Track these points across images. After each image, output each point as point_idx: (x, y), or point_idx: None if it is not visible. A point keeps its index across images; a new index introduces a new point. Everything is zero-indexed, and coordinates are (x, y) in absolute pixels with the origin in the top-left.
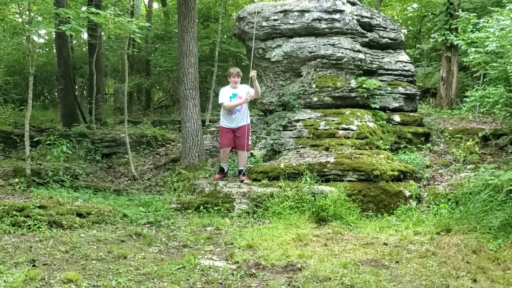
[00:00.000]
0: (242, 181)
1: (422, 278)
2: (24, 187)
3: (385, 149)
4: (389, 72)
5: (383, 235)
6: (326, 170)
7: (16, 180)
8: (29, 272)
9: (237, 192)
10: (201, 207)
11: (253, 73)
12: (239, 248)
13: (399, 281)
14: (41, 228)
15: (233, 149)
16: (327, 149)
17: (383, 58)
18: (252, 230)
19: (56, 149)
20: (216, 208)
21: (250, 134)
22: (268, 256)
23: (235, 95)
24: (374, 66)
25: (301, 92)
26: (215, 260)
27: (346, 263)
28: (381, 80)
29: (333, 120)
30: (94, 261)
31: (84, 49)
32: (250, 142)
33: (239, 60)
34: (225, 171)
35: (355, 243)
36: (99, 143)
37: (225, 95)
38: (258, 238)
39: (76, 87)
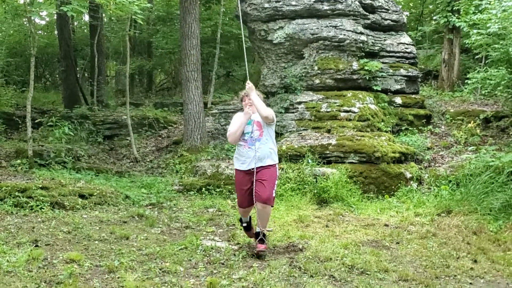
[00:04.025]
0: (258, 253)
1: (423, 258)
2: (26, 168)
3: (386, 131)
4: (391, 54)
5: (384, 217)
6: (327, 152)
7: (18, 161)
8: (32, 252)
9: None
10: (203, 189)
11: (248, 87)
12: (241, 229)
13: (399, 261)
14: (43, 209)
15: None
16: (328, 131)
17: (385, 40)
18: (253, 211)
19: (58, 131)
20: (218, 190)
21: (276, 180)
22: (269, 237)
23: (251, 122)
24: (376, 48)
25: (303, 74)
26: (217, 241)
27: (347, 244)
28: (383, 62)
29: (335, 103)
30: (96, 242)
31: (86, 30)
32: (274, 193)
33: (241, 42)
34: (249, 225)
35: (356, 224)
36: (101, 125)
37: (235, 122)
38: None
39: (78, 69)
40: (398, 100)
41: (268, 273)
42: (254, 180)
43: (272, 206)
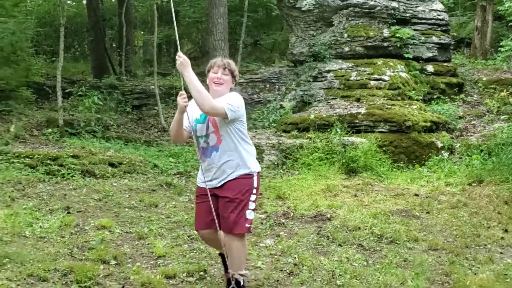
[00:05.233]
0: None
1: (453, 228)
2: (57, 137)
3: (417, 100)
4: (422, 21)
5: (414, 186)
6: (357, 121)
7: (50, 130)
8: (64, 219)
9: (266, 144)
10: None
11: (178, 62)
12: (268, 198)
13: (429, 231)
14: (74, 177)
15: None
16: (358, 100)
17: (416, 6)
18: (281, 181)
19: (88, 100)
20: None
21: (251, 195)
22: (297, 207)
23: (204, 119)
24: (407, 15)
25: (332, 42)
26: None
27: (376, 213)
28: (414, 30)
29: (365, 71)
30: (126, 209)
31: (114, 0)
32: (250, 215)
33: (269, 10)
34: (224, 260)
35: (385, 194)
36: (129, 94)
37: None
38: (287, 189)
39: (106, 39)
40: (430, 68)
41: (296, 241)
42: (219, 200)
43: (244, 234)
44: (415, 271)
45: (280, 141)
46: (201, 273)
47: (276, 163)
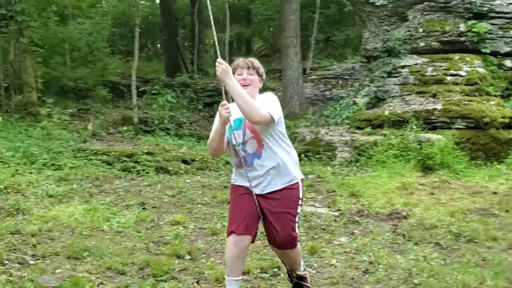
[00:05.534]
0: None
1: None
2: (132, 134)
3: (495, 96)
4: (500, 15)
5: (492, 184)
6: (433, 117)
7: (125, 128)
8: (139, 214)
9: (339, 140)
10: (302, 155)
11: (220, 70)
12: (342, 196)
13: (508, 229)
14: (149, 173)
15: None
16: (434, 95)
17: (494, 0)
18: (354, 179)
19: (161, 99)
20: (317, 156)
21: (298, 206)
22: (371, 204)
23: (240, 124)
24: (484, 9)
25: (407, 37)
26: (317, 207)
27: (453, 212)
28: (491, 24)
29: (441, 66)
30: (199, 205)
31: (186, 0)
32: (296, 224)
33: (342, 6)
34: None
35: (462, 191)
36: (201, 92)
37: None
38: (361, 186)
39: (178, 38)
40: (508, 63)
41: (371, 239)
42: (264, 210)
43: (295, 247)
44: (494, 270)
45: (354, 138)
46: (275, 269)
47: (349, 160)
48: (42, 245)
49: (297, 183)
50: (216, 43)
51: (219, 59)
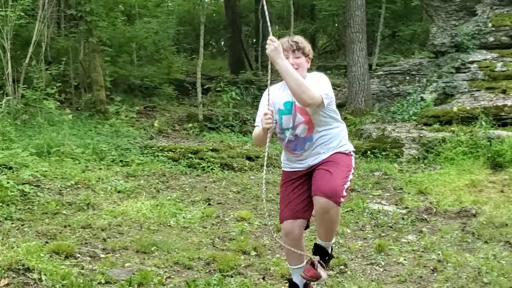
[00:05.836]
0: (305, 278)
1: None
2: (197, 131)
3: None
4: None
5: None
6: (503, 113)
7: (190, 125)
8: (205, 210)
9: (406, 137)
10: (368, 152)
11: (271, 48)
12: (409, 193)
13: None
14: (214, 169)
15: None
16: (504, 91)
17: None
18: (422, 176)
19: (226, 96)
20: (384, 153)
21: (351, 171)
22: (440, 202)
23: (290, 107)
24: None
25: (476, 32)
26: (384, 205)
27: None
28: None
29: (511, 61)
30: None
31: None
32: (345, 187)
33: (408, 0)
34: None
35: None
36: (265, 89)
37: (259, 112)
38: (429, 183)
39: (242, 35)
40: None
41: (439, 237)
42: (313, 171)
43: (339, 205)
44: None
45: (421, 135)
46: (341, 267)
47: (416, 157)
48: (111, 239)
49: (350, 152)
50: (268, 19)
51: (271, 37)
